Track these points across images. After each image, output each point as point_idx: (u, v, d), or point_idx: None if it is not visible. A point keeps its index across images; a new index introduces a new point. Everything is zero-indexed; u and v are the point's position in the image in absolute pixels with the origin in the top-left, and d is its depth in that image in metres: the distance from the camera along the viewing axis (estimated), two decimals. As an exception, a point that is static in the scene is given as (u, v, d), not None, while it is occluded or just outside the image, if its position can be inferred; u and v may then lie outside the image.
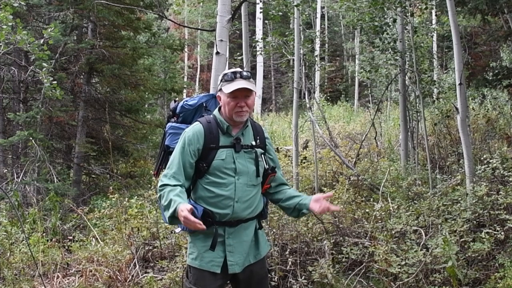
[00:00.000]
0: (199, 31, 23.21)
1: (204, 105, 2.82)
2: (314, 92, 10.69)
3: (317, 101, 11.48)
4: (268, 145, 2.74)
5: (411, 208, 4.95)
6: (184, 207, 2.30)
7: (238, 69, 2.61)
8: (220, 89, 2.59)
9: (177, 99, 2.92)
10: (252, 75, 2.66)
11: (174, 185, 2.48)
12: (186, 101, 2.83)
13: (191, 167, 2.55)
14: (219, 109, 2.66)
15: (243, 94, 2.55)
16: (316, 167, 7.41)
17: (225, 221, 2.55)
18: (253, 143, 2.65)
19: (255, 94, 2.66)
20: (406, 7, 7.19)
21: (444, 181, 6.01)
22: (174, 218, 2.40)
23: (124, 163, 10.90)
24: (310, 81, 9.09)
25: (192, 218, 2.28)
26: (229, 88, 2.52)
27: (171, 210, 2.38)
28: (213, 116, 2.65)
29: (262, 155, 2.68)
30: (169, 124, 2.83)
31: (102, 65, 8.93)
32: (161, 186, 2.51)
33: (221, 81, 2.60)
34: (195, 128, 2.58)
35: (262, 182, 2.69)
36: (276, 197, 2.76)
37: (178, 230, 2.76)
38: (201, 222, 2.31)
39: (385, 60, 8.76)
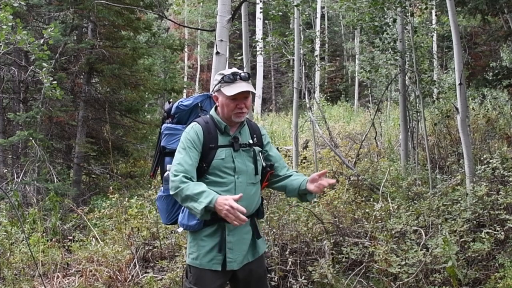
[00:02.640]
0: (199, 31, 23.22)
1: (200, 105, 2.81)
2: (314, 92, 10.69)
3: (317, 101, 11.48)
4: (265, 140, 2.75)
5: (411, 208, 4.95)
6: (228, 197, 2.29)
7: (237, 70, 2.61)
8: (219, 90, 2.58)
9: (171, 100, 2.92)
10: (250, 75, 2.67)
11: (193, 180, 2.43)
12: (181, 101, 2.82)
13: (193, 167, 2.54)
14: (215, 109, 2.66)
15: (242, 96, 2.56)
16: (316, 167, 7.42)
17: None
18: (251, 141, 2.66)
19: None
20: (406, 7, 7.19)
21: (444, 181, 6.01)
22: (206, 210, 2.32)
23: (124, 163, 10.90)
24: (310, 81, 9.10)
25: (238, 207, 2.24)
26: (230, 91, 2.52)
27: (206, 200, 2.30)
28: (210, 116, 2.65)
29: (260, 153, 2.69)
30: (165, 125, 2.82)
31: (102, 65, 8.93)
32: (181, 183, 2.40)
33: (219, 81, 2.58)
34: (195, 128, 2.58)
35: (261, 180, 2.70)
36: (280, 184, 2.75)
37: (180, 230, 2.75)
38: (245, 218, 2.27)
39: (385, 60, 8.76)
